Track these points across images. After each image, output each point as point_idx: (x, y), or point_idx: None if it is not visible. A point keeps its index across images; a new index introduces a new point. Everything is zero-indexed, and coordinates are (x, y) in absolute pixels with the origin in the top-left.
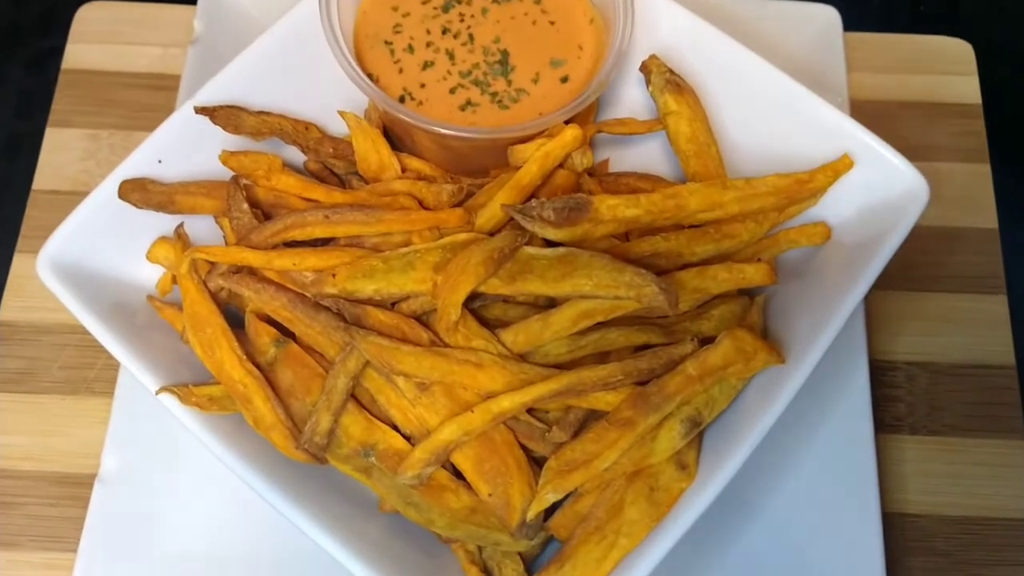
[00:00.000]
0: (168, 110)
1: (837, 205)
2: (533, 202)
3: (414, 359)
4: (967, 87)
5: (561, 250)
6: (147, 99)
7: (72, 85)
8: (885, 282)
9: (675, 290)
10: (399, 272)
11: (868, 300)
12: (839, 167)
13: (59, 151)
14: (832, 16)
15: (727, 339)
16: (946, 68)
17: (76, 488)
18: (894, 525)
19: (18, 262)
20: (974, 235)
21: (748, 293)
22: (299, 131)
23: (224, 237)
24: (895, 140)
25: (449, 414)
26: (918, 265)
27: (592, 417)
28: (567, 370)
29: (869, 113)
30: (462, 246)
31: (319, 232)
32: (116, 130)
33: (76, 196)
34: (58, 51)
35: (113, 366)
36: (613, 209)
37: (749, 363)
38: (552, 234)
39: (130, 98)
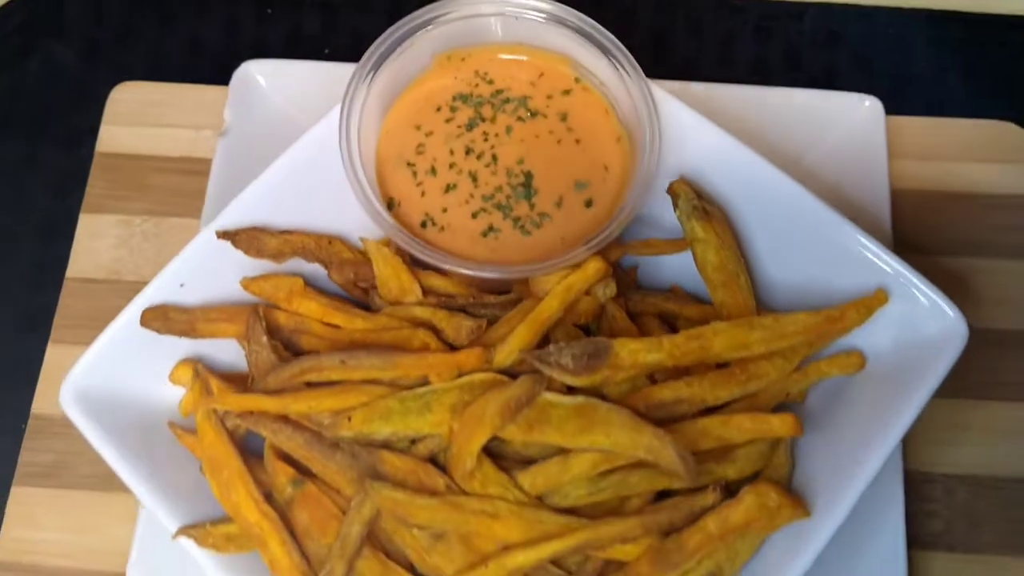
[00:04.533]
0: (199, 195)
1: (872, 334)
2: (551, 347)
3: (428, 512)
4: (1020, 177)
5: (579, 400)
6: (179, 184)
7: (106, 169)
8: None
9: (693, 460)
10: (415, 414)
11: None
12: (872, 303)
13: (93, 238)
14: (874, 106)
15: (749, 495)
16: (997, 155)
17: None
18: None
19: (52, 353)
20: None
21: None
22: (322, 247)
23: (246, 357)
24: (939, 235)
25: (464, 563)
26: (963, 371)
27: (610, 567)
28: (585, 515)
29: (911, 204)
30: (480, 387)
31: (335, 376)
32: (148, 216)
33: (109, 284)
34: (92, 130)
35: None
36: (634, 355)
37: (772, 520)
38: (570, 380)
39: (163, 183)
